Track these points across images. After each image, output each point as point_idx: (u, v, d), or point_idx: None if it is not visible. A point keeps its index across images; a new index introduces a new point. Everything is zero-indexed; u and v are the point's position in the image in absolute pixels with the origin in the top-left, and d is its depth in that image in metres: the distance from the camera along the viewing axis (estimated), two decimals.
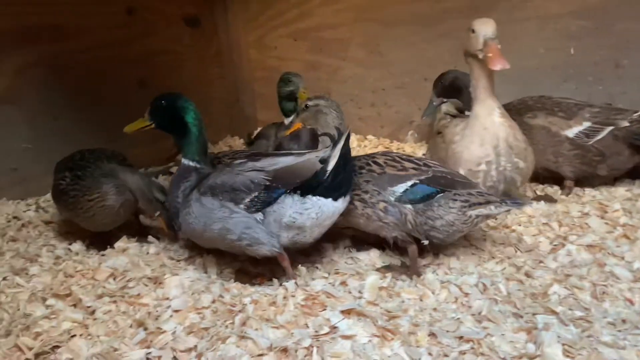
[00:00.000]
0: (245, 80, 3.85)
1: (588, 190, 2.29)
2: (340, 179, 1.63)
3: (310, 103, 2.08)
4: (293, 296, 1.56)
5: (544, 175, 2.42)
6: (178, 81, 3.43)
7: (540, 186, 2.45)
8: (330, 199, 1.63)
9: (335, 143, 1.64)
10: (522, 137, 2.04)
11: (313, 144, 2.68)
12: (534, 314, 1.45)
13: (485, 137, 2.00)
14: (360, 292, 1.60)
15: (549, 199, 2.23)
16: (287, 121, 2.75)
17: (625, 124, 2.18)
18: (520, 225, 2.01)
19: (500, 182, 2.01)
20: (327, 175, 1.61)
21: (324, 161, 1.63)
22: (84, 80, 2.85)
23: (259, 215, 1.63)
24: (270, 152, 1.90)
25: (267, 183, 1.63)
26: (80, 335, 1.50)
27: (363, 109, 3.39)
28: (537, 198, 2.27)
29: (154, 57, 3.27)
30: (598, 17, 2.61)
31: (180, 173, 1.83)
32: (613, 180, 2.35)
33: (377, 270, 1.75)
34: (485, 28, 1.96)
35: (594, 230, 1.92)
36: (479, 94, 2.03)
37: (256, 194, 1.63)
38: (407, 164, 1.77)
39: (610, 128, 2.18)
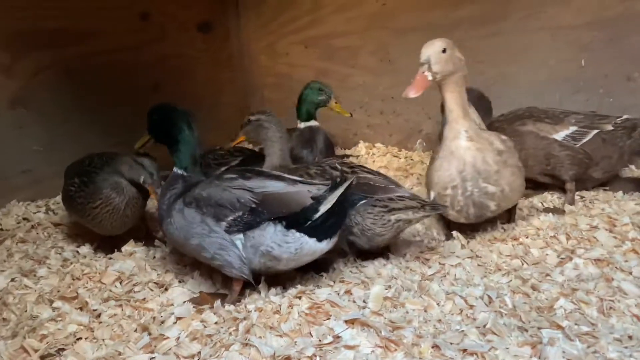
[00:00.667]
0: (255, 86, 3.88)
1: (597, 203, 2.27)
2: (331, 223, 1.60)
3: (252, 117, 2.19)
4: (298, 305, 1.56)
5: (546, 182, 2.43)
6: (190, 85, 3.47)
7: (549, 197, 2.44)
8: (314, 239, 1.59)
9: (334, 186, 1.59)
10: (494, 159, 1.94)
11: (327, 150, 2.71)
12: (539, 328, 1.44)
13: (451, 161, 1.94)
14: (364, 301, 1.60)
15: (557, 211, 2.22)
16: (302, 125, 2.77)
17: (610, 127, 2.30)
18: (527, 237, 2.00)
19: (469, 206, 1.96)
20: (317, 215, 1.57)
21: (316, 198, 1.58)
22: (96, 83, 2.89)
23: (239, 236, 1.60)
24: (263, 170, 1.85)
25: (253, 206, 1.60)
26: (86, 338, 1.52)
27: (372, 117, 3.40)
28: (546, 210, 2.26)
29: (166, 61, 3.31)
30: (611, 29, 2.59)
31: (169, 181, 1.82)
32: (605, 182, 2.44)
33: None
34: (421, 51, 1.89)
35: (602, 244, 1.90)
36: (447, 115, 1.97)
37: (240, 214, 1.60)
38: (335, 173, 1.91)
39: (596, 131, 2.29)
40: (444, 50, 1.87)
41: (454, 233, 2.05)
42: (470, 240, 2.04)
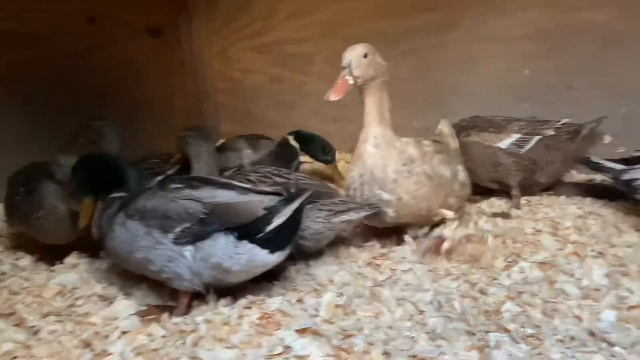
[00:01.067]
0: (208, 92, 3.83)
1: (541, 207, 2.34)
2: (284, 235, 1.57)
3: (180, 134, 2.34)
4: (248, 315, 1.53)
5: (495, 189, 2.50)
6: (140, 91, 3.39)
7: (497, 203, 2.50)
8: (266, 251, 1.55)
9: (290, 198, 1.57)
10: (396, 168, 1.92)
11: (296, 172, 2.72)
12: (486, 332, 1.46)
13: (357, 164, 1.98)
14: (316, 310, 1.58)
15: (504, 216, 2.28)
16: (293, 142, 2.85)
17: (551, 132, 2.38)
18: (476, 242, 2.02)
19: None
20: (271, 227, 1.53)
21: (269, 209, 1.55)
22: (40, 90, 2.77)
23: (188, 248, 1.55)
24: (212, 178, 1.80)
25: (202, 216, 1.54)
26: (22, 357, 1.44)
27: (326, 124, 3.40)
28: (494, 215, 2.32)
29: (115, 66, 3.22)
30: (553, 40, 2.70)
31: (107, 203, 1.73)
32: (549, 187, 2.52)
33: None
34: (343, 56, 1.91)
35: (546, 247, 1.96)
36: (364, 119, 1.99)
37: (188, 225, 1.55)
38: (278, 179, 1.95)
39: (538, 137, 2.37)
40: (365, 55, 1.89)
41: (406, 238, 2.06)
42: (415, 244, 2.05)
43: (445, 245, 1.91)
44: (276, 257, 1.59)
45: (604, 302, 1.59)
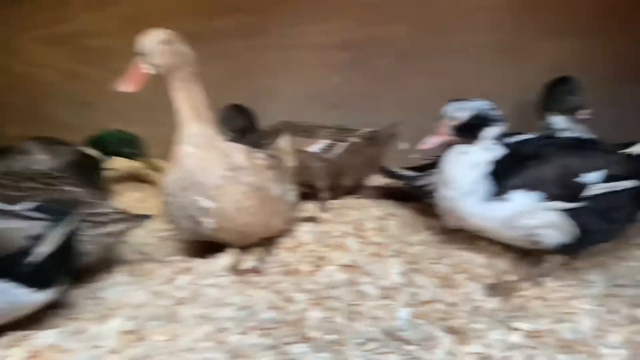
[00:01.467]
0: None
1: (347, 210, 2.40)
2: (56, 266, 1.34)
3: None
4: (10, 356, 1.26)
5: (306, 192, 2.51)
6: None
7: (310, 207, 2.51)
8: (32, 289, 1.31)
9: (58, 219, 1.35)
10: (220, 173, 1.74)
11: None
12: (289, 344, 1.41)
13: (172, 167, 1.79)
14: (101, 339, 1.37)
15: (313, 220, 2.29)
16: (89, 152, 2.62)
17: (356, 139, 2.52)
18: (284, 248, 2.00)
19: (182, 218, 1.80)
20: (35, 259, 1.29)
21: (33, 237, 1.30)
22: None
23: None
24: None
25: None
26: None
27: (132, 127, 3.11)
28: (305, 219, 2.32)
29: None
30: (357, 51, 2.85)
31: None
32: (354, 191, 2.63)
33: None
34: (138, 40, 1.70)
35: (351, 249, 1.99)
36: (177, 117, 1.77)
37: None
38: (31, 184, 1.75)
39: (344, 143, 2.49)
40: (165, 42, 1.69)
41: (227, 250, 1.93)
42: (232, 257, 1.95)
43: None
44: (45, 296, 1.34)
45: (399, 300, 1.66)
